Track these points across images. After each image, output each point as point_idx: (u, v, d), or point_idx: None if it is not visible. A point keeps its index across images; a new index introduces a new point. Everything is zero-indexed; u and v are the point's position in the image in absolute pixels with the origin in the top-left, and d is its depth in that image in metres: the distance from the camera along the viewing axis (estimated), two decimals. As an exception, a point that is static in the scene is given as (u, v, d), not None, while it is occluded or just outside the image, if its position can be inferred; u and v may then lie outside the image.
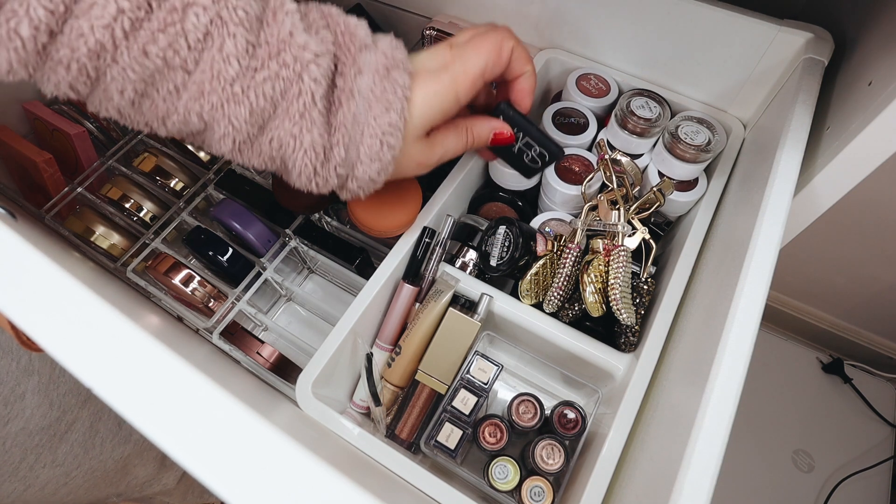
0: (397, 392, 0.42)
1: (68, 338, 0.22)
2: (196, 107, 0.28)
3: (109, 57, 0.25)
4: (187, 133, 0.30)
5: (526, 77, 0.38)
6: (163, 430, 0.20)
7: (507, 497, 0.38)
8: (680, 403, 0.31)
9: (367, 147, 0.31)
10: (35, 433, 0.52)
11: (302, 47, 0.28)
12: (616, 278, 0.38)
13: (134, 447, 0.61)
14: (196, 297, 0.48)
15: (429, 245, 0.42)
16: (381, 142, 0.31)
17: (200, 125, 0.29)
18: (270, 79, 0.28)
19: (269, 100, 0.28)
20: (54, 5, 0.23)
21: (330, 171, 0.32)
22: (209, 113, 0.28)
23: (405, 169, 0.35)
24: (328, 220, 0.51)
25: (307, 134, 0.30)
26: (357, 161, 0.32)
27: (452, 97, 0.34)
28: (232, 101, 0.28)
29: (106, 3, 0.24)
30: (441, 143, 0.36)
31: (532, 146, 0.42)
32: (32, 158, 0.50)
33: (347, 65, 0.31)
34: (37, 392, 0.52)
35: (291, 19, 0.28)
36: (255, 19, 0.27)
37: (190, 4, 0.25)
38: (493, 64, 0.35)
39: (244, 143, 0.30)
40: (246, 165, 0.31)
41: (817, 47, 0.41)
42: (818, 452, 0.85)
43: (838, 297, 0.89)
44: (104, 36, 0.24)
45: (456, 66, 0.33)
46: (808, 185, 0.40)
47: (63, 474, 0.55)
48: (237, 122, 0.29)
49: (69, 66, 0.25)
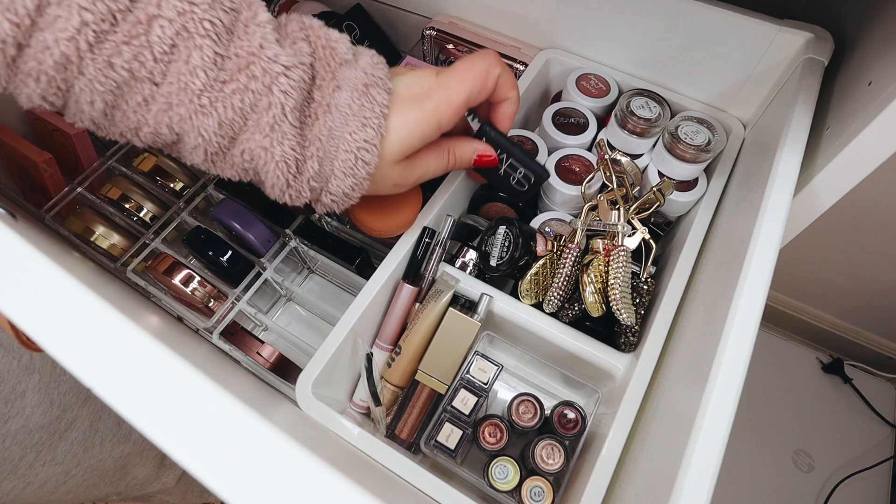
0: (397, 392, 0.42)
1: (68, 338, 0.22)
2: (165, 118, 0.28)
3: (76, 69, 0.25)
4: (162, 144, 0.30)
5: (509, 102, 0.38)
6: (163, 431, 0.20)
7: (507, 497, 0.38)
8: (680, 403, 0.31)
9: (342, 162, 0.31)
10: (35, 431, 0.52)
11: (272, 59, 0.28)
12: (616, 278, 0.38)
13: (133, 446, 0.61)
14: (196, 297, 0.48)
15: (429, 245, 0.42)
16: (355, 157, 0.31)
17: (172, 136, 0.29)
18: (239, 91, 0.28)
19: (238, 112, 0.28)
20: (19, 18, 0.24)
21: (303, 184, 0.32)
22: (178, 124, 0.28)
23: (381, 188, 0.35)
24: (328, 220, 0.51)
25: (278, 146, 0.30)
26: (331, 175, 0.32)
27: (434, 125, 0.33)
28: (200, 112, 0.28)
29: (69, 15, 0.24)
30: (420, 165, 0.36)
31: (517, 168, 0.41)
32: (32, 158, 0.50)
33: (326, 79, 0.31)
34: (37, 390, 0.52)
35: (262, 31, 0.28)
36: (223, 31, 0.27)
37: (155, 17, 0.26)
38: (478, 92, 0.35)
39: (216, 155, 0.30)
40: (221, 176, 0.32)
41: (817, 47, 0.41)
42: (818, 452, 0.85)
43: (838, 297, 0.89)
44: (68, 48, 0.25)
45: (440, 94, 0.33)
46: (808, 185, 0.40)
47: (62, 472, 0.55)
48: (206, 134, 0.29)
49: (38, 78, 0.25)
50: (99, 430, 0.57)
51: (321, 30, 0.31)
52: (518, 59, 0.54)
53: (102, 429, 0.58)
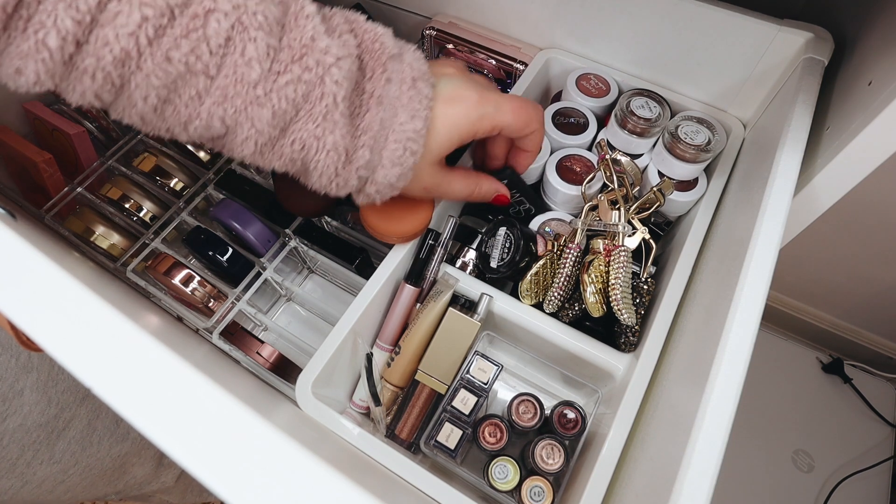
0: (397, 392, 0.42)
1: (68, 338, 0.22)
2: (219, 111, 0.28)
3: (134, 64, 0.26)
4: (208, 138, 0.30)
5: (530, 155, 0.42)
6: (163, 431, 0.20)
7: (507, 497, 0.38)
8: (680, 403, 0.31)
9: (391, 151, 0.32)
10: (33, 430, 0.52)
11: (324, 51, 0.29)
12: (616, 278, 0.38)
13: (132, 445, 0.61)
14: (196, 297, 0.48)
15: (432, 246, 0.42)
16: (404, 147, 0.32)
17: (222, 129, 0.29)
18: (293, 82, 0.29)
19: (291, 102, 0.29)
20: (81, 15, 0.24)
21: (351, 173, 0.32)
22: (232, 117, 0.29)
23: (413, 187, 0.36)
24: (328, 220, 0.51)
25: (330, 135, 0.30)
26: (379, 165, 0.33)
27: (471, 131, 0.35)
28: (255, 104, 0.28)
29: (130, 11, 0.24)
30: (451, 180, 0.38)
31: (523, 203, 0.45)
32: (32, 158, 0.50)
33: (377, 72, 0.32)
34: (35, 389, 0.52)
35: (313, 23, 0.29)
36: (274, 23, 0.28)
37: (211, 11, 0.26)
38: (518, 130, 0.37)
39: (266, 146, 0.31)
40: (265, 168, 0.32)
41: (817, 47, 0.41)
42: (818, 452, 0.85)
43: (838, 297, 0.89)
44: (129, 44, 0.25)
45: (489, 109, 0.35)
46: (808, 185, 0.40)
47: (60, 471, 0.55)
48: (260, 125, 0.29)
49: (94, 76, 0.25)
50: (97, 428, 0.57)
51: (366, 24, 0.32)
52: (518, 59, 0.54)
53: (100, 427, 0.58)
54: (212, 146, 0.31)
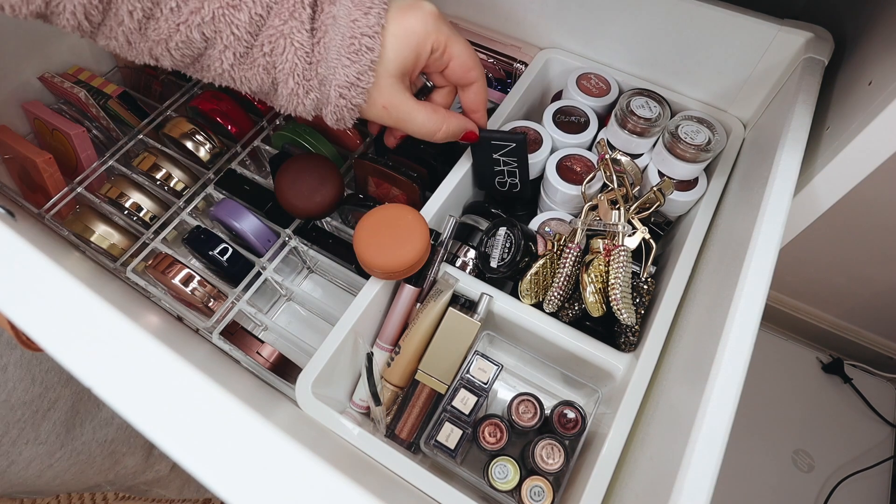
0: (397, 392, 0.42)
1: (68, 338, 0.22)
2: (197, 19, 0.30)
3: None
4: (189, 57, 0.32)
5: (478, 117, 0.42)
6: (163, 430, 0.20)
7: (507, 497, 0.38)
8: (680, 403, 0.31)
9: (347, 46, 0.33)
10: (17, 407, 0.52)
11: None
12: (616, 278, 0.38)
13: (118, 431, 0.61)
14: (196, 297, 0.48)
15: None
16: (359, 42, 0.33)
17: (202, 42, 0.31)
18: None
19: (264, 6, 0.31)
20: None
21: (312, 75, 0.33)
22: (210, 23, 0.30)
23: (373, 105, 0.36)
24: (328, 220, 0.51)
25: (297, 33, 0.32)
26: (338, 64, 0.33)
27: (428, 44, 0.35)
28: (230, 6, 0.30)
29: None
30: (414, 107, 0.37)
31: (514, 175, 0.44)
32: (32, 158, 0.50)
33: None
34: (19, 366, 0.52)
35: None
36: None
37: None
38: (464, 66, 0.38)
39: (243, 56, 0.32)
40: (239, 88, 0.34)
41: (817, 47, 0.41)
42: (818, 452, 0.85)
43: (838, 297, 0.89)
44: None
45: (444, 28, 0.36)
46: (808, 185, 0.40)
47: (46, 454, 0.55)
48: (238, 31, 0.31)
49: None
50: (79, 412, 0.57)
51: None
52: (518, 59, 0.54)
53: (83, 411, 0.58)
54: (192, 73, 0.33)
